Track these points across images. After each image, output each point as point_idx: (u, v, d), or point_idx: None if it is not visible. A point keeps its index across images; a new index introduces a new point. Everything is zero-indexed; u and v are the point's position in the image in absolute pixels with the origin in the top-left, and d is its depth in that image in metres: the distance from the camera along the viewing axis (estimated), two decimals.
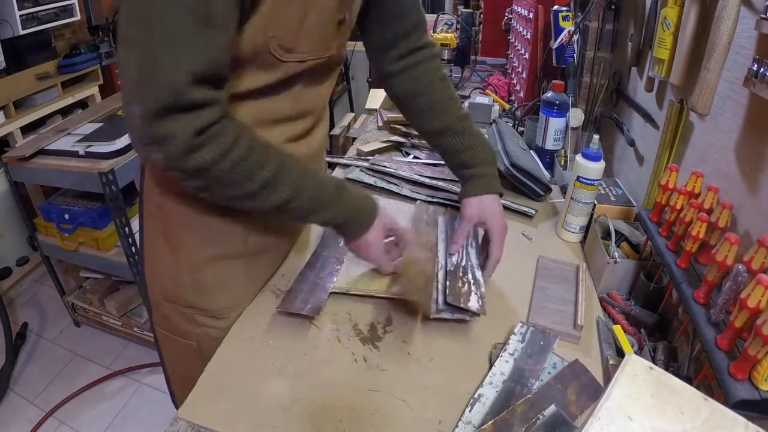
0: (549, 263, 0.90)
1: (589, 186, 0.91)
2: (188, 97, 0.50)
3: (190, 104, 0.50)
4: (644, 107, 1.04)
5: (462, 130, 0.85)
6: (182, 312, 0.76)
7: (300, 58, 0.62)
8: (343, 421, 0.61)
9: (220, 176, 0.56)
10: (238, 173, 0.57)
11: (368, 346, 0.73)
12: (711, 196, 0.69)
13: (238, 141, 0.56)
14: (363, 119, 1.83)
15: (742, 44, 0.67)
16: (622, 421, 0.43)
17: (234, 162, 0.56)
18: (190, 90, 0.49)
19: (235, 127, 0.57)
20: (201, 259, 0.72)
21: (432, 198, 1.11)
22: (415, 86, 0.84)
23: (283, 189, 0.62)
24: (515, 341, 0.70)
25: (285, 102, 0.67)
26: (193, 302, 0.74)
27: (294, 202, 0.63)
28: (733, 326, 0.54)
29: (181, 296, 0.75)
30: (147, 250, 0.77)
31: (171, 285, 0.75)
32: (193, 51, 0.49)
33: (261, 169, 0.59)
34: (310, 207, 0.66)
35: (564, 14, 1.33)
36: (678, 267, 0.70)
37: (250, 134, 0.59)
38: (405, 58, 0.83)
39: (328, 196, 0.68)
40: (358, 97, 3.91)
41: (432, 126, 0.85)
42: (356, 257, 0.79)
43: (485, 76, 2.06)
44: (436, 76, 0.85)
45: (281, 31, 0.57)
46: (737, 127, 0.69)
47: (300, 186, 0.64)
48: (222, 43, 0.52)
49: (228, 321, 0.76)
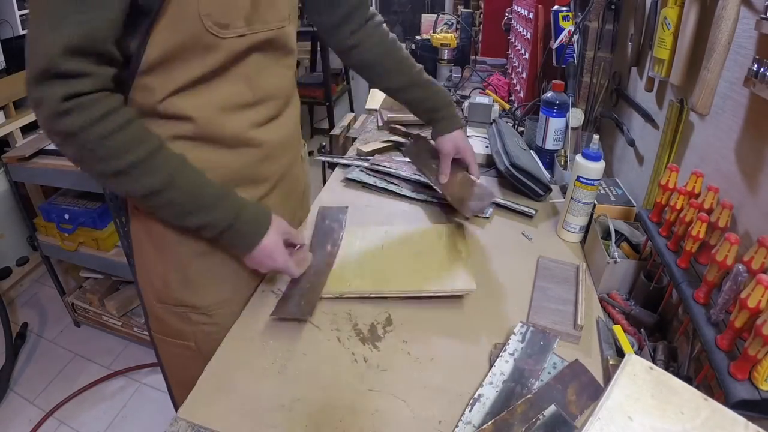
0: (549, 263, 0.90)
1: (589, 186, 0.91)
2: (59, 66, 0.53)
3: (60, 72, 0.54)
4: (644, 107, 1.04)
5: (423, 82, 0.99)
6: (175, 312, 0.76)
7: (238, 32, 0.63)
8: (343, 421, 0.61)
9: (86, 146, 0.58)
10: (105, 147, 0.58)
11: (368, 346, 0.73)
12: (711, 196, 0.69)
13: (108, 116, 0.58)
14: (363, 119, 1.83)
15: (742, 44, 0.67)
16: (622, 421, 0.43)
17: (101, 135, 0.58)
18: (62, 60, 0.53)
19: (111, 103, 0.58)
20: (186, 255, 0.72)
21: (432, 199, 1.11)
22: (375, 54, 0.96)
23: (155, 176, 0.62)
24: (515, 341, 0.70)
25: (240, 87, 0.68)
26: (184, 300, 0.75)
27: (166, 193, 0.62)
28: (733, 326, 0.54)
29: (171, 295, 0.75)
30: (135, 252, 0.77)
31: (161, 284, 0.75)
32: (67, 26, 0.53)
33: (130, 149, 0.60)
34: (185, 203, 0.64)
35: (564, 14, 1.33)
36: (678, 267, 0.70)
37: (129, 116, 0.60)
38: (358, 32, 0.93)
39: (211, 196, 0.66)
40: (357, 97, 3.91)
41: (398, 83, 0.99)
42: (256, 265, 0.75)
43: (485, 76, 2.06)
44: (389, 40, 0.97)
45: (211, 6, 0.60)
46: (737, 127, 0.69)
47: (175, 178, 0.63)
48: (99, 20, 0.55)
49: (222, 317, 0.76)
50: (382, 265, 0.86)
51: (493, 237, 1.00)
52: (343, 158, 1.34)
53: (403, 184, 1.17)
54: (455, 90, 2.01)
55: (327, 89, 3.37)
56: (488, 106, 1.53)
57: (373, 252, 0.90)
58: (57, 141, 0.58)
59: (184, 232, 0.71)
